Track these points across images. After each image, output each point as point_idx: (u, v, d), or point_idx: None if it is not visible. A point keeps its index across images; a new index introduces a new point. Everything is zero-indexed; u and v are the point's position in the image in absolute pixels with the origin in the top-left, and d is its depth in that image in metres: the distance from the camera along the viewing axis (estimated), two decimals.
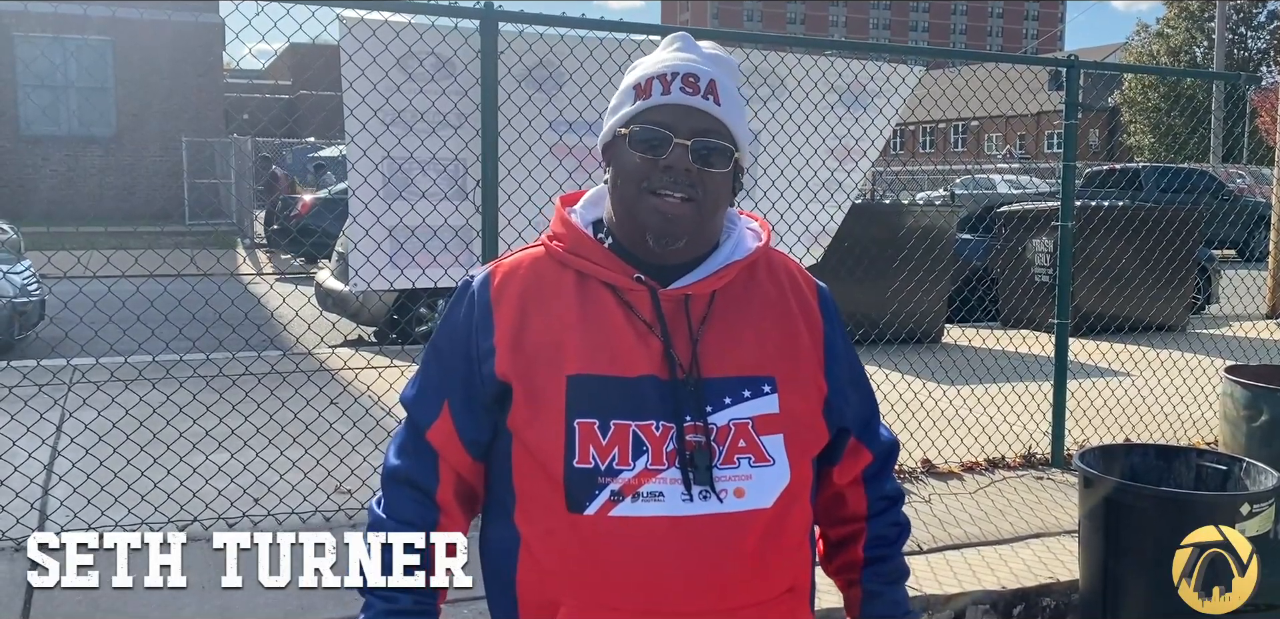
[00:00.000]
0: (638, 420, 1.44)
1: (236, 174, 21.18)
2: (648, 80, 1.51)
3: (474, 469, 1.56)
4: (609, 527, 1.42)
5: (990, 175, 23.45)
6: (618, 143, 1.52)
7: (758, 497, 1.46)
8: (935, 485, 4.94)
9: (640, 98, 1.50)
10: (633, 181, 1.48)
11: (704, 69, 1.51)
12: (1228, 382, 4.38)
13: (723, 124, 1.50)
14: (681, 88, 1.48)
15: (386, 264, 4.29)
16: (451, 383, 1.54)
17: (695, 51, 1.54)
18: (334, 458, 4.55)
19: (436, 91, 4.26)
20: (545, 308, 1.51)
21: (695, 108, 1.48)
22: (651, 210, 1.47)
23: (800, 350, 1.56)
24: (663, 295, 1.49)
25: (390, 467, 1.58)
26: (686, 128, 1.47)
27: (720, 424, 1.46)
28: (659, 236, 1.48)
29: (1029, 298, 9.86)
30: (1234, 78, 6.86)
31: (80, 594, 3.47)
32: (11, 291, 8.36)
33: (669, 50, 1.55)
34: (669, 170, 1.46)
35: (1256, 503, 3.09)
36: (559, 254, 1.54)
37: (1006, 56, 7.07)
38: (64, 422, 5.46)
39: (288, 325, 7.51)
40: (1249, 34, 45.45)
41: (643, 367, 1.46)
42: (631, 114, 1.50)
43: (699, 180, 1.47)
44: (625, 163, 1.50)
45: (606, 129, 1.56)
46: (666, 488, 1.43)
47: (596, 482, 1.42)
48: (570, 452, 1.43)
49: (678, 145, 1.46)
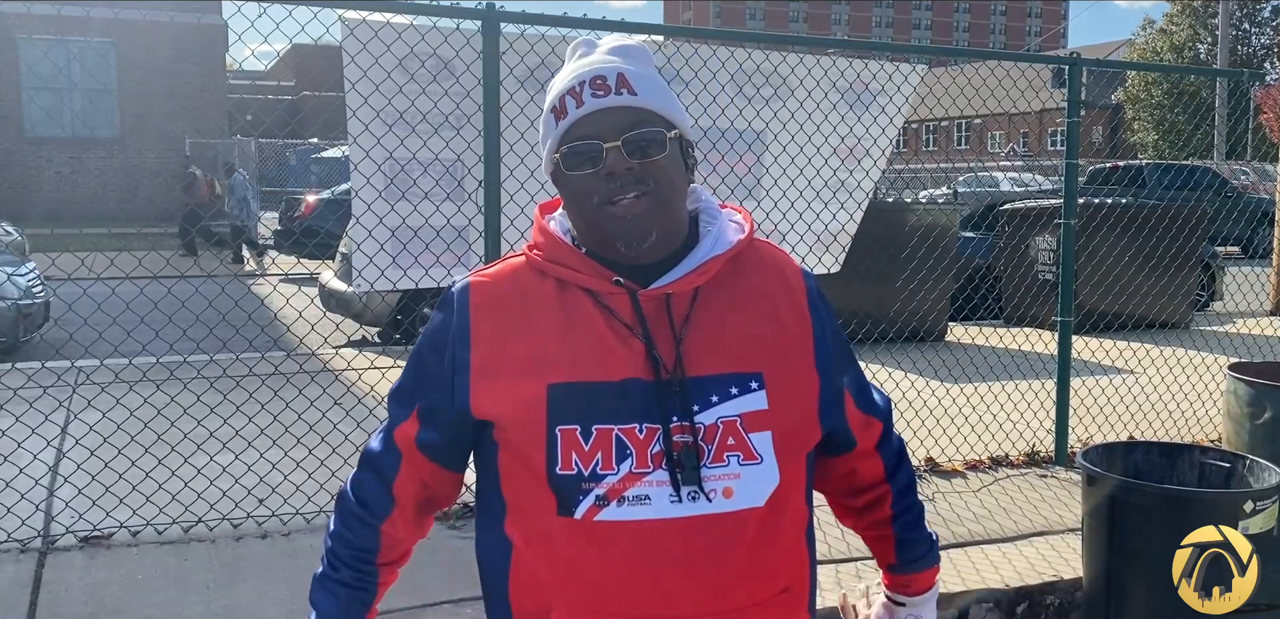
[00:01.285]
0: (621, 424, 1.43)
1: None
2: (561, 99, 1.50)
3: (434, 473, 1.58)
4: (597, 531, 1.41)
5: (993, 173, 23.42)
6: (557, 170, 1.52)
7: (746, 496, 1.44)
8: (939, 483, 4.94)
9: (560, 119, 1.50)
10: (584, 199, 1.48)
11: (608, 66, 1.49)
12: (1231, 379, 4.38)
13: (646, 111, 1.48)
14: (593, 93, 1.47)
15: (390, 265, 4.29)
16: (424, 389, 1.55)
17: (596, 53, 1.53)
18: (338, 458, 4.56)
19: (438, 93, 4.26)
20: (526, 318, 1.50)
21: (612, 107, 1.47)
22: (611, 220, 1.46)
23: (789, 344, 1.54)
24: (643, 296, 1.48)
25: (366, 449, 1.64)
26: (611, 129, 1.46)
27: (707, 423, 1.45)
28: (626, 241, 1.47)
29: (1032, 296, 9.86)
30: (1238, 74, 6.85)
31: (86, 594, 3.50)
32: (16, 294, 8.38)
33: (573, 60, 1.54)
34: (612, 177, 1.45)
35: (1260, 500, 3.09)
36: (538, 263, 1.53)
37: (1009, 54, 7.07)
38: (69, 423, 5.47)
39: (291, 326, 7.52)
40: (1253, 30, 45.39)
41: (625, 370, 1.45)
42: (557, 138, 1.50)
43: (644, 174, 1.45)
44: (571, 186, 1.49)
45: (545, 159, 1.56)
46: (653, 491, 1.41)
47: (580, 487, 1.41)
48: (552, 459, 1.42)
49: (610, 149, 1.45)
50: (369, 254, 4.31)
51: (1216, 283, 11.44)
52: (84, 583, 3.59)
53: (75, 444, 5.03)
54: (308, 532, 4.10)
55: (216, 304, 4.65)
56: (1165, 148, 40.62)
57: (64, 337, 7.87)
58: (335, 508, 1.65)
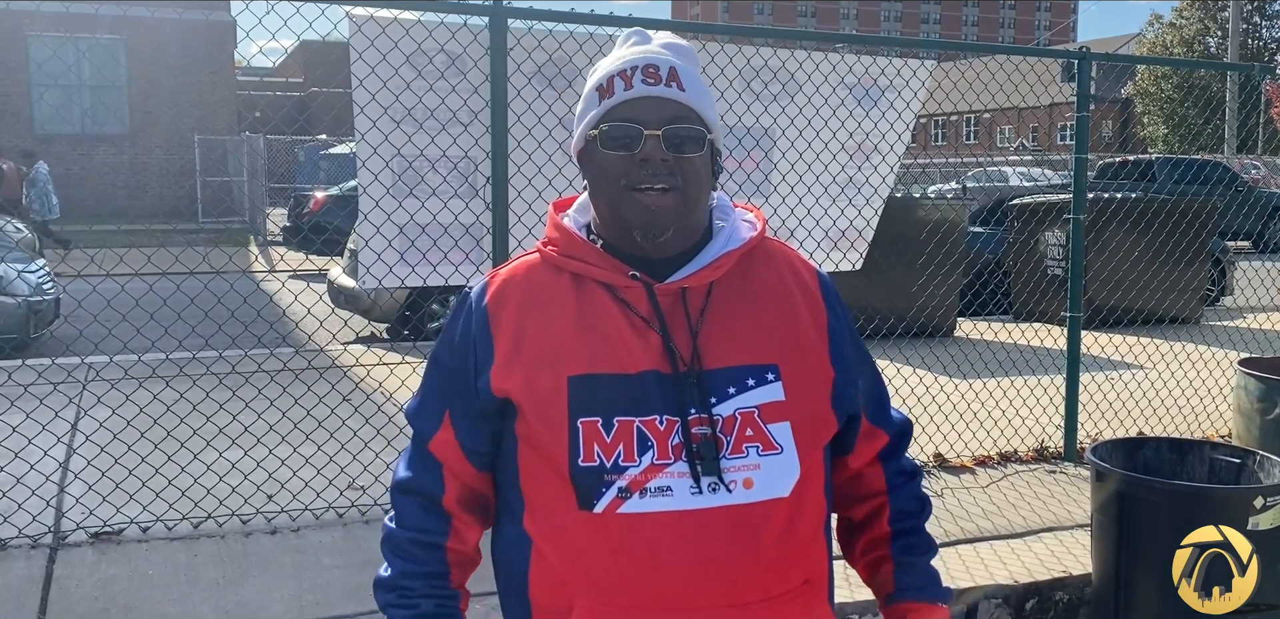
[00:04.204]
0: (641, 416, 1.44)
1: (248, 172, 21.25)
2: (609, 79, 1.51)
3: (479, 478, 1.56)
4: (619, 524, 1.41)
5: (1002, 168, 23.36)
6: (590, 147, 1.52)
7: (767, 487, 1.45)
8: (947, 479, 4.93)
9: (604, 98, 1.50)
10: (611, 181, 1.48)
11: (663, 58, 1.51)
12: (1242, 374, 4.36)
13: (691, 109, 1.49)
14: (644, 79, 1.48)
15: (397, 262, 4.30)
16: (451, 394, 1.54)
17: (651, 43, 1.54)
18: (346, 454, 4.57)
19: (446, 89, 4.26)
20: (543, 312, 1.51)
21: (661, 97, 1.48)
22: (635, 206, 1.47)
23: (803, 337, 1.55)
24: (659, 290, 1.49)
25: (398, 480, 1.59)
26: (655, 118, 1.47)
27: (725, 415, 1.46)
28: (645, 230, 1.48)
29: (1041, 291, 9.83)
30: (1248, 68, 6.82)
31: (96, 589, 3.51)
32: (26, 290, 8.42)
33: (625, 47, 1.55)
34: (645, 163, 1.46)
35: (1270, 496, 3.07)
36: (554, 258, 1.54)
37: (1018, 48, 7.05)
38: (79, 419, 5.50)
39: (300, 322, 7.54)
40: (1263, 23, 45.15)
41: (643, 362, 1.46)
42: (599, 115, 1.50)
43: (676, 168, 1.47)
44: (601, 164, 1.50)
45: (577, 136, 1.56)
46: (674, 482, 1.42)
47: (603, 479, 1.42)
48: (574, 451, 1.43)
49: (650, 137, 1.46)
50: (377, 251, 4.31)
51: (1227, 278, 11.39)
52: (94, 579, 3.61)
53: (85, 440, 5.05)
54: (316, 528, 4.11)
55: (225, 301, 4.65)
56: (1175, 142, 40.47)
57: (74, 333, 7.92)
58: (387, 552, 1.58)
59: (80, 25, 22.02)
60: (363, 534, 4.04)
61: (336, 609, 3.41)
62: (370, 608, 3.39)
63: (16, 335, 8.08)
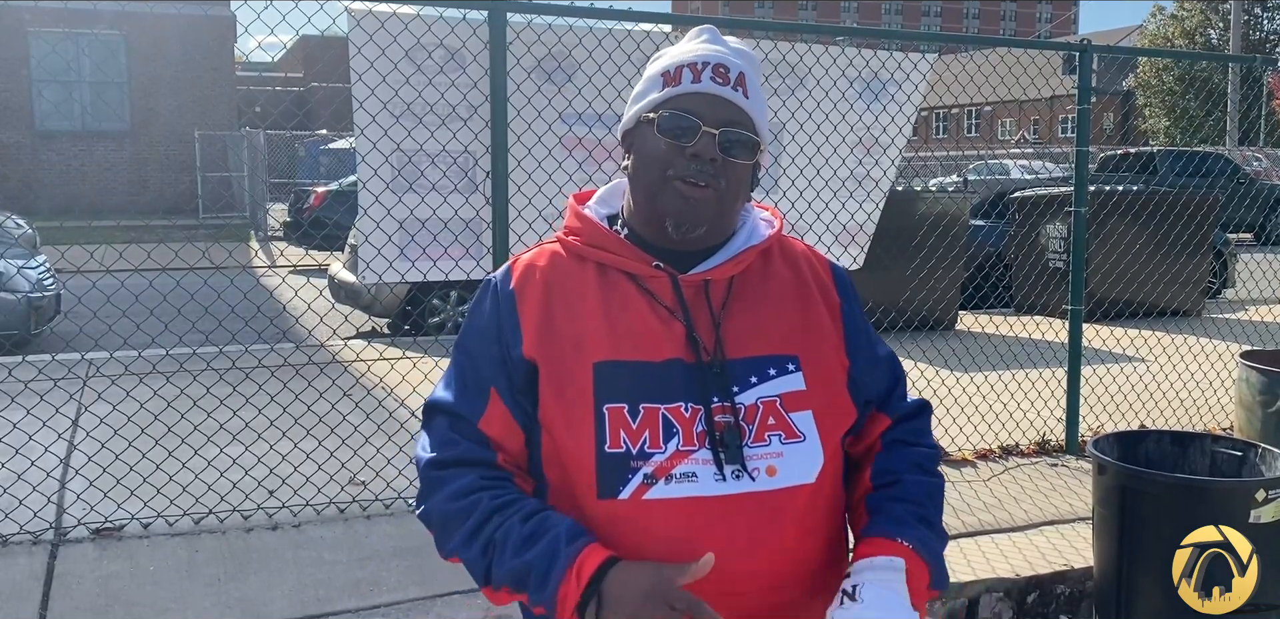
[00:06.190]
0: (666, 403, 1.46)
1: (249, 167, 21.23)
2: (677, 68, 1.52)
3: (524, 453, 1.55)
4: (645, 510, 1.43)
5: (1004, 161, 23.34)
6: (642, 128, 1.54)
7: (790, 474, 1.47)
8: (949, 473, 4.93)
9: (669, 85, 1.52)
10: (657, 167, 1.50)
11: (734, 61, 1.53)
12: (1244, 367, 4.35)
13: (749, 116, 1.52)
14: (712, 78, 1.50)
15: (398, 257, 4.29)
16: (491, 373, 1.53)
17: (723, 44, 1.56)
18: (347, 450, 4.57)
19: (445, 83, 4.25)
20: (567, 298, 1.53)
21: (724, 98, 1.50)
22: (675, 195, 1.49)
23: (821, 328, 1.58)
24: (683, 280, 1.52)
25: (433, 458, 1.51)
26: (714, 117, 1.49)
27: (748, 403, 1.48)
28: (679, 222, 1.50)
29: (1043, 284, 9.82)
30: (1250, 60, 6.81)
31: (97, 585, 3.51)
32: (27, 286, 8.41)
33: (697, 41, 1.57)
34: (695, 158, 1.48)
35: (1272, 489, 3.07)
36: (577, 247, 1.56)
37: (1019, 41, 7.03)
38: (80, 415, 5.49)
39: (300, 318, 7.54)
40: (1265, 15, 45.04)
41: (668, 351, 1.48)
42: (660, 100, 1.52)
43: (722, 170, 1.49)
44: (651, 148, 1.52)
45: (630, 115, 1.58)
46: (699, 468, 1.44)
47: (629, 465, 1.44)
48: (601, 437, 1.44)
49: (706, 134, 1.48)
50: (377, 245, 4.31)
51: (1229, 270, 11.37)
52: (96, 574, 3.61)
53: (86, 436, 5.05)
54: (317, 523, 4.11)
55: (226, 296, 4.65)
56: (1177, 134, 40.39)
57: (74, 329, 7.91)
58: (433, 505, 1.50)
59: (80, 21, 22.00)
60: (364, 529, 4.04)
61: (338, 605, 3.40)
62: (372, 603, 3.39)
63: (17, 331, 8.07)
